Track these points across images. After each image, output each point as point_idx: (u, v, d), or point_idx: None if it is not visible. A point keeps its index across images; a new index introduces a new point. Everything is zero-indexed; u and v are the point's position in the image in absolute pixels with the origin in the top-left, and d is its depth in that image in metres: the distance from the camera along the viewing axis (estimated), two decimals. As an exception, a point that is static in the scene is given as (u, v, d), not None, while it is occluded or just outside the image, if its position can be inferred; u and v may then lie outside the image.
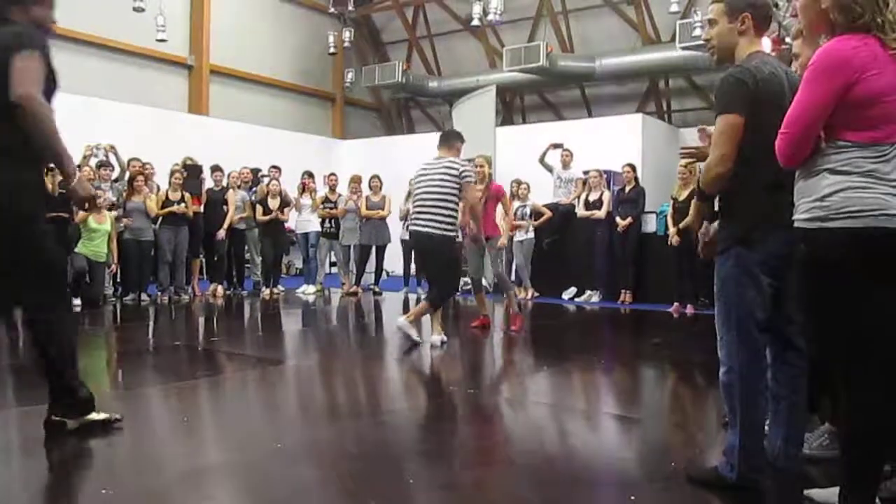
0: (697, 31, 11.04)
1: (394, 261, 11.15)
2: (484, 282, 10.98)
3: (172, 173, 9.26)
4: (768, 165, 2.28)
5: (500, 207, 7.83)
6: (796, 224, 2.20)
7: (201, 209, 9.53)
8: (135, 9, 10.97)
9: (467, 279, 8.41)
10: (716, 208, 2.66)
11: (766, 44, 8.98)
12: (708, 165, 2.53)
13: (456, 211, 5.92)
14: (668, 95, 15.16)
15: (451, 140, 6.09)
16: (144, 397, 4.28)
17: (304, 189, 10.63)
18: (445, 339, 6.09)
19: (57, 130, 3.18)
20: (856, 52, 2.06)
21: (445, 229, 5.84)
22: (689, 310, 8.42)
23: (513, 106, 16.82)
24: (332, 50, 15.09)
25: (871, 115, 2.07)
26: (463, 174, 5.83)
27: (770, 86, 2.47)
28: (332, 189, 10.85)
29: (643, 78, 14.69)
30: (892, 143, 2.08)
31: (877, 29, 2.06)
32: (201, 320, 8.22)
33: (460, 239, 6.89)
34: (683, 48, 11.78)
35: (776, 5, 9.31)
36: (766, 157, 2.26)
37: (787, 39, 9.46)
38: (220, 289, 9.85)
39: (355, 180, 10.75)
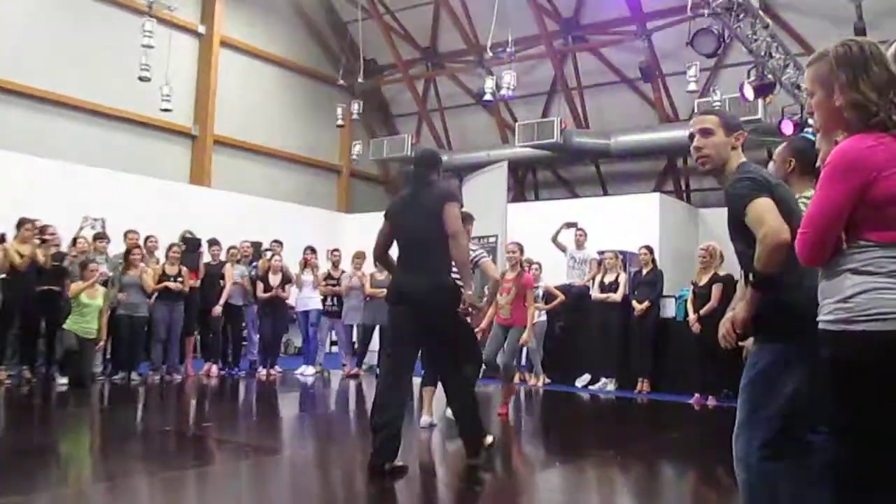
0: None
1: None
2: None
3: (170, 247, 9.35)
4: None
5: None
6: (820, 326, 2.20)
7: (198, 284, 9.58)
8: (140, 78, 11.30)
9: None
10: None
11: (787, 126, 9.12)
12: (764, 240, 2.50)
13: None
14: (687, 174, 15.34)
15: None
16: (129, 489, 4.21)
17: (305, 265, 10.68)
18: (435, 422, 6.20)
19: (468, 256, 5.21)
20: (872, 151, 2.08)
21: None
22: (712, 401, 8.30)
23: (525, 182, 17.04)
24: (339, 122, 15.43)
25: (892, 214, 2.08)
26: (476, 259, 6.01)
27: (782, 189, 2.63)
28: (335, 265, 10.90)
29: (660, 156, 14.91)
30: None
31: (893, 127, 2.09)
32: (193, 403, 8.16)
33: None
34: (702, 127, 11.96)
35: (798, 87, 9.53)
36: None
37: (810, 121, 9.66)
38: (214, 368, 9.80)
39: (359, 256, 10.80)
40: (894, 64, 2.18)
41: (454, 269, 4.79)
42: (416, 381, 7.98)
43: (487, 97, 13.34)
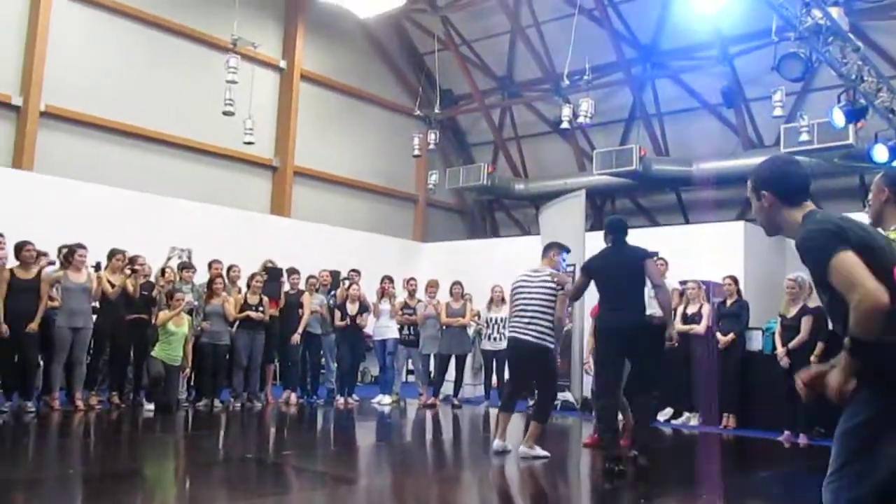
0: (804, 136, 10.95)
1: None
2: (570, 397, 10.84)
3: (252, 276, 9.62)
4: None
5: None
6: None
7: (278, 312, 9.81)
8: (225, 113, 11.74)
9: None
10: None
11: (881, 152, 8.70)
12: (859, 305, 2.24)
13: (553, 322, 6.32)
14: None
15: (548, 251, 6.67)
16: (213, 515, 4.32)
17: (383, 294, 10.82)
18: (509, 448, 6.40)
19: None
20: None
21: (543, 338, 6.24)
22: (802, 439, 7.97)
23: (603, 210, 16.87)
24: (416, 152, 15.64)
25: None
26: (559, 286, 6.30)
27: (862, 231, 2.40)
28: (412, 294, 11.00)
29: (745, 183, 14.50)
30: None
31: None
32: (273, 430, 8.32)
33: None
34: (789, 153, 11.66)
35: (892, 111, 9.19)
36: None
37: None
38: (293, 396, 9.98)
39: (432, 285, 10.88)
40: None
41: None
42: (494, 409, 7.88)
43: (564, 125, 13.32)
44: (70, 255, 8.19)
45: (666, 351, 6.42)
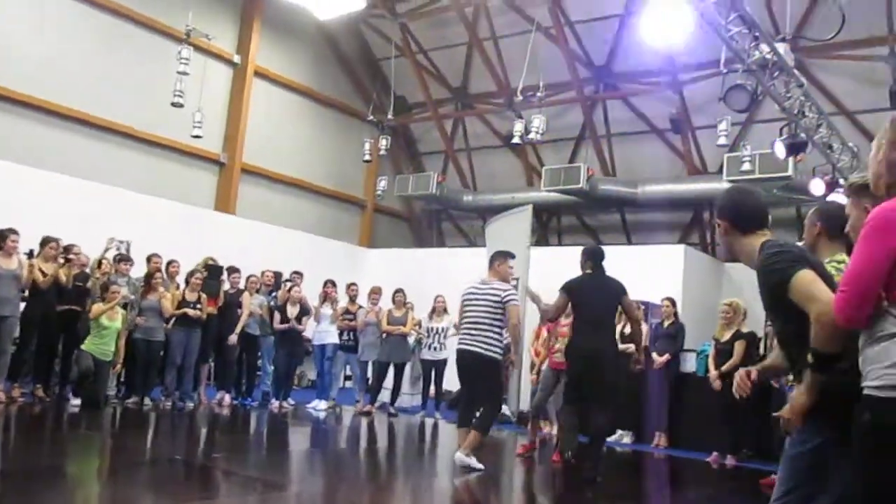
0: (746, 165, 11.23)
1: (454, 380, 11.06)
2: (506, 410, 10.88)
3: (192, 273, 9.42)
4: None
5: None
6: (866, 391, 2.17)
7: (216, 311, 9.62)
8: (174, 104, 11.49)
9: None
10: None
11: (817, 185, 9.09)
12: (821, 317, 2.33)
13: (501, 334, 6.41)
14: (713, 227, 15.26)
15: (494, 261, 6.77)
16: (135, 518, 4.19)
17: (325, 298, 10.71)
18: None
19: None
20: None
21: (491, 350, 6.33)
22: (731, 461, 8.13)
23: (549, 226, 17.05)
24: (366, 157, 15.57)
25: None
26: (505, 298, 6.35)
27: (813, 258, 2.58)
28: (353, 300, 10.92)
29: (687, 207, 14.88)
30: None
31: None
32: (204, 432, 8.15)
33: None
34: (731, 181, 11.94)
35: (830, 147, 9.51)
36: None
37: (841, 181, 9.62)
38: (227, 398, 9.80)
39: (375, 292, 10.82)
40: None
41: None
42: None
43: (515, 140, 13.40)
44: (0, 241, 7.90)
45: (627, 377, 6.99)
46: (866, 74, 12.01)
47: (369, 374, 10.90)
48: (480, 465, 6.22)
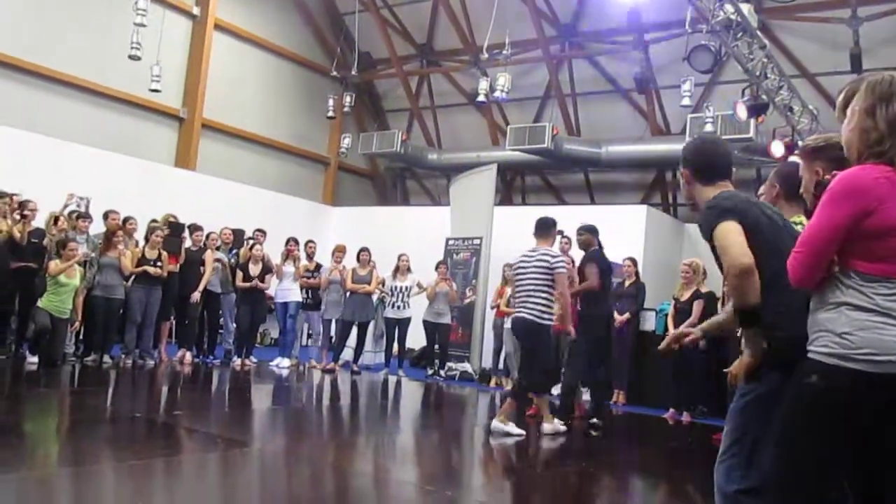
0: (709, 126, 11.30)
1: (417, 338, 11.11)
2: (469, 367, 11.00)
3: (152, 230, 9.27)
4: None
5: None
6: (811, 355, 2.21)
7: (177, 269, 9.51)
8: (131, 56, 11.18)
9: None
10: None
11: (777, 147, 9.19)
12: (728, 272, 2.46)
13: (551, 300, 6.45)
14: (675, 188, 15.42)
15: (545, 230, 6.75)
16: (94, 475, 4.17)
17: (287, 256, 10.63)
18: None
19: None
20: (877, 182, 2.13)
21: (538, 317, 6.41)
22: (686, 417, 8.34)
23: (513, 186, 17.06)
24: (330, 113, 15.37)
25: (886, 246, 2.12)
26: (554, 265, 6.43)
27: (753, 210, 2.58)
28: (310, 257, 10.87)
29: (650, 168, 14.98)
30: None
31: None
32: (165, 390, 8.10)
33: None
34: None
35: (790, 109, 9.60)
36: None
37: (800, 143, 9.74)
38: (188, 355, 9.73)
39: (340, 250, 10.77)
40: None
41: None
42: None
43: (481, 98, 13.33)
44: (-49, 196, 7.67)
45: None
46: (829, 37, 12.10)
47: (332, 332, 10.90)
48: (520, 431, 6.28)
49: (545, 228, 6.75)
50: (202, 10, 14.43)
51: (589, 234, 7.51)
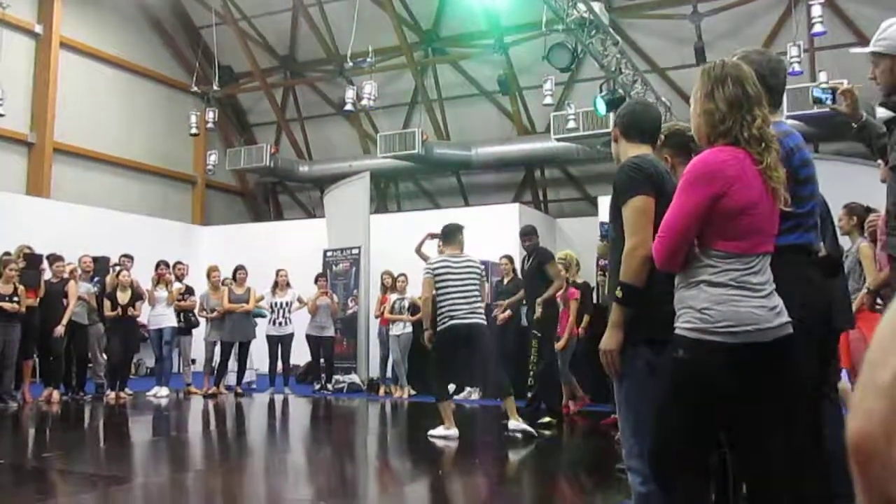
0: (571, 124, 11.70)
1: (260, 357, 10.78)
2: (356, 378, 10.89)
3: (5, 264, 8.64)
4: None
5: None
6: (677, 331, 2.31)
7: (37, 303, 8.91)
8: (-32, 80, 10.44)
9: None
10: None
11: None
12: (634, 251, 2.53)
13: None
14: (545, 185, 15.87)
15: (453, 236, 6.76)
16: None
17: (159, 280, 10.18)
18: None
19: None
20: (726, 164, 2.26)
21: (484, 319, 6.66)
22: (573, 407, 8.54)
23: (387, 193, 17.06)
24: (193, 130, 14.85)
25: (739, 225, 2.25)
26: (482, 273, 6.79)
27: (667, 182, 2.65)
28: (180, 279, 10.48)
29: (519, 167, 15.34)
30: (758, 253, 2.28)
31: (745, 143, 2.27)
32: (32, 432, 7.57)
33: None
34: (558, 139, 12.42)
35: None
36: None
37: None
38: (55, 393, 9.12)
39: (215, 270, 10.46)
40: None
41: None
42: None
43: (348, 107, 13.24)
44: None
45: None
46: (674, 33, 12.80)
47: (215, 354, 10.53)
48: (532, 430, 6.51)
49: (453, 234, 6.78)
50: (45, 28, 13.63)
51: (536, 236, 7.78)
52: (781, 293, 2.30)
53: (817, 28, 9.69)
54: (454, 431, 6.36)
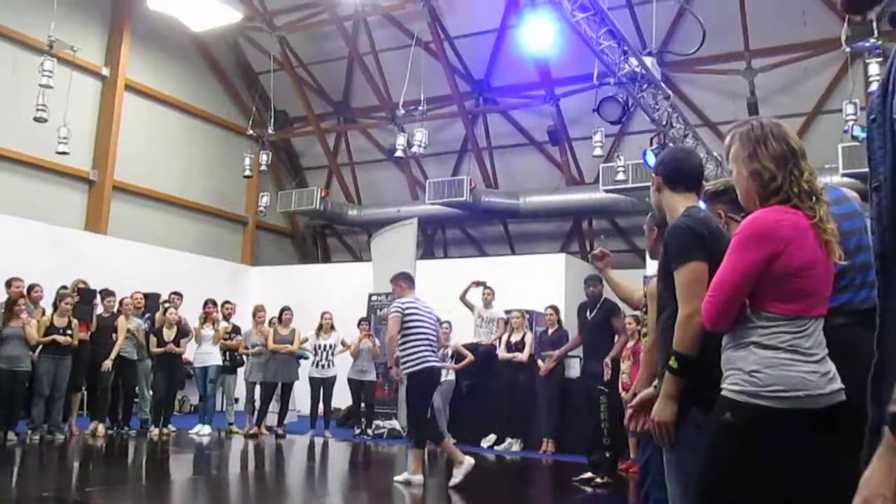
0: (620, 175, 11.66)
1: (302, 399, 10.81)
2: (397, 425, 10.80)
3: (61, 298, 8.87)
4: None
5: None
6: (724, 393, 2.25)
7: (88, 337, 9.10)
8: (36, 119, 10.83)
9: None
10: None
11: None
12: (684, 320, 2.42)
13: None
14: (591, 236, 15.78)
15: (412, 281, 7.04)
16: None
17: (206, 318, 10.33)
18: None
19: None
20: (780, 224, 2.20)
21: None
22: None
23: (434, 239, 17.13)
24: (247, 172, 15.18)
25: (793, 287, 2.20)
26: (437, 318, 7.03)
27: (721, 240, 2.53)
28: (227, 318, 10.61)
29: (567, 217, 15.30)
30: (812, 316, 2.21)
31: (796, 198, 2.22)
32: (77, 465, 7.67)
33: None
34: (607, 191, 12.38)
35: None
36: None
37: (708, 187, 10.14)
38: (101, 427, 9.25)
39: (260, 310, 10.58)
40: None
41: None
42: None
43: (398, 153, 13.43)
44: None
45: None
46: (726, 87, 12.74)
47: (256, 395, 10.59)
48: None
49: (411, 280, 7.06)
50: (112, 70, 14.15)
51: (602, 284, 7.37)
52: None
53: (874, 87, 9.54)
54: (419, 478, 6.49)
